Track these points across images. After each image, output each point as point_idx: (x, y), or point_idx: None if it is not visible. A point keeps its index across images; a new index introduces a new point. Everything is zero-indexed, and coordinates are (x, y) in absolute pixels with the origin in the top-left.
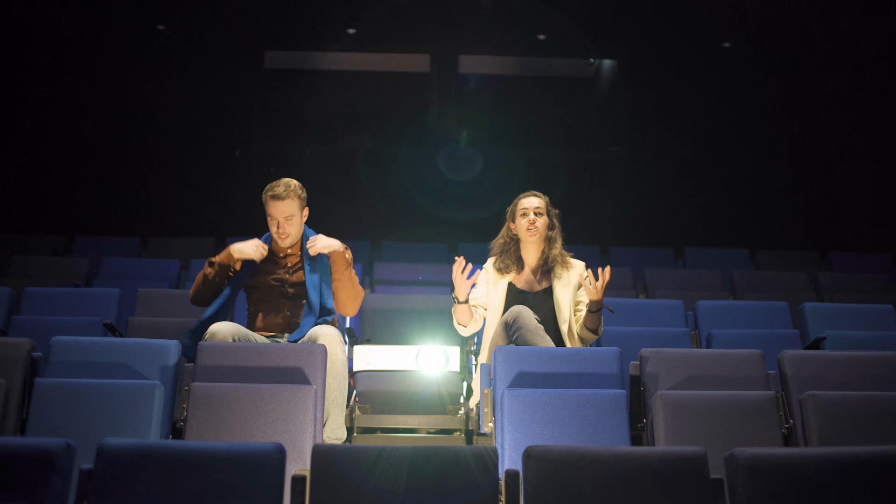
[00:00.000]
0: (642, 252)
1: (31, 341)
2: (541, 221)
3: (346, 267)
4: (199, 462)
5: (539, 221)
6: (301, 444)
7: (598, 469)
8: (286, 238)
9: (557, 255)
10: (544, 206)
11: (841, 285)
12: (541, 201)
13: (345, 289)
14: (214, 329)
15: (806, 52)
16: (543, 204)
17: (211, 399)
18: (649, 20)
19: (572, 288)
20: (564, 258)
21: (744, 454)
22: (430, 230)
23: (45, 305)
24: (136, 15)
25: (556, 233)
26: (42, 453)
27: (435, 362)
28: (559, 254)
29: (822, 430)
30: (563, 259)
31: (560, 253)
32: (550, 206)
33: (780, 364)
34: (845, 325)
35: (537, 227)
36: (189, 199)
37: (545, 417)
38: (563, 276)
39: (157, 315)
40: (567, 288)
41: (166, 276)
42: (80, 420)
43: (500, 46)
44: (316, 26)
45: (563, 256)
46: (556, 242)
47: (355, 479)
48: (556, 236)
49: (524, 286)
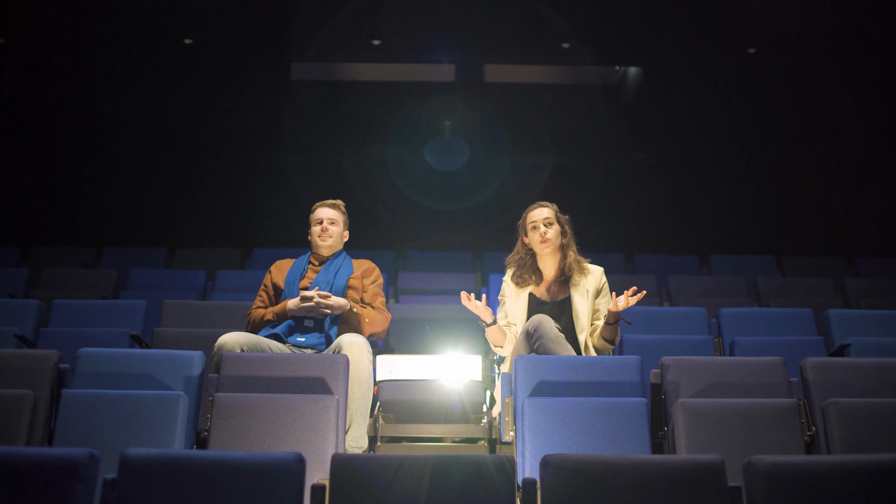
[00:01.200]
0: (667, 259)
1: (59, 353)
2: (552, 232)
3: (358, 322)
4: (220, 471)
5: (550, 232)
6: (323, 453)
7: (615, 477)
8: (328, 240)
9: (573, 262)
10: (553, 215)
11: (868, 291)
12: (549, 211)
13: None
14: (222, 341)
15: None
16: (552, 213)
17: (234, 409)
18: (674, 27)
19: (590, 296)
20: (581, 265)
21: (761, 462)
22: (455, 239)
23: (73, 317)
24: (163, 28)
25: (569, 240)
26: (66, 463)
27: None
28: (575, 261)
29: (844, 437)
30: (580, 266)
31: (576, 260)
32: (560, 213)
33: (802, 371)
34: (871, 332)
35: (549, 239)
36: (216, 211)
37: (566, 426)
38: (581, 284)
39: (182, 326)
40: (585, 296)
41: (193, 287)
42: (106, 430)
43: (525, 55)
44: (342, 38)
45: (580, 263)
46: (570, 250)
47: (375, 488)
48: (570, 243)
49: (544, 296)
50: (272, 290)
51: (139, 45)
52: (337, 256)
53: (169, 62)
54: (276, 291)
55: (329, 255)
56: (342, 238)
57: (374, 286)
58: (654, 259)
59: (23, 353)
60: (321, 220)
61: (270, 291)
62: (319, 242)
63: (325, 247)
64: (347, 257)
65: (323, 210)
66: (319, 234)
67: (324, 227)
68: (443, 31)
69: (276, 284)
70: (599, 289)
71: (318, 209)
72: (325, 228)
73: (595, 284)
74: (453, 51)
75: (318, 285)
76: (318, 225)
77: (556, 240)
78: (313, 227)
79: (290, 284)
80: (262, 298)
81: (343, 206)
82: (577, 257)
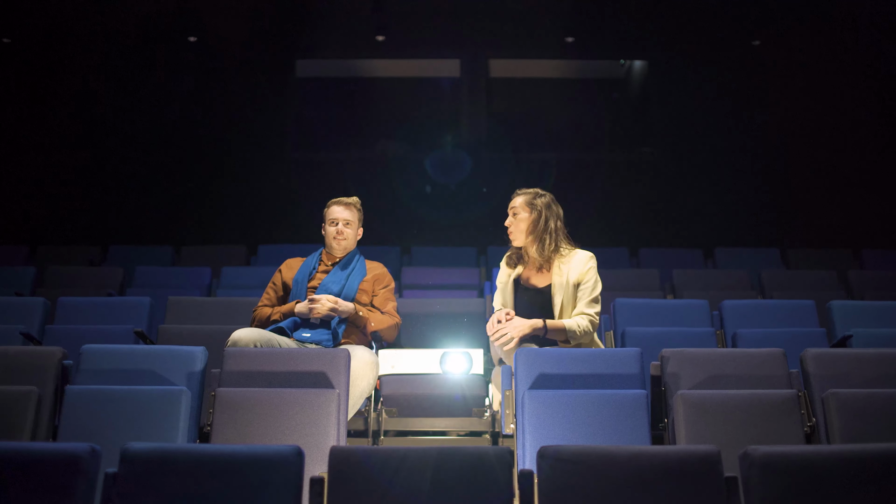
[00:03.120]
0: (672, 253)
1: (63, 350)
2: (519, 220)
3: (364, 324)
4: (219, 465)
5: (513, 222)
6: (324, 446)
7: (611, 468)
8: (342, 242)
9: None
10: (522, 203)
11: (872, 283)
12: (519, 199)
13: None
14: (237, 336)
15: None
16: (521, 201)
17: (236, 404)
18: (678, 20)
19: (570, 283)
20: (561, 252)
21: (757, 452)
22: (460, 234)
23: (78, 315)
24: (167, 25)
25: (550, 224)
26: (68, 458)
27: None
28: (553, 248)
29: (844, 428)
30: (560, 253)
31: (555, 247)
32: (540, 196)
33: (802, 362)
34: (873, 323)
35: (510, 230)
36: (221, 208)
37: (566, 418)
38: (564, 272)
39: (187, 322)
40: (564, 285)
41: (198, 285)
42: (109, 426)
43: (530, 50)
44: (346, 34)
45: (560, 250)
46: (546, 235)
47: (375, 480)
48: (550, 228)
49: (527, 283)
50: (281, 290)
51: (144, 42)
52: (350, 257)
53: (174, 60)
54: (286, 290)
55: (342, 256)
56: (356, 238)
57: (385, 291)
58: (658, 253)
59: (27, 350)
60: (336, 221)
61: (279, 290)
62: (334, 245)
63: (339, 249)
64: (361, 259)
65: (338, 210)
66: (335, 235)
67: (339, 230)
68: (448, 27)
69: (286, 283)
70: (581, 277)
71: (333, 207)
72: (341, 231)
73: (578, 271)
74: (458, 46)
75: (330, 286)
76: (333, 226)
77: (526, 227)
78: (328, 227)
79: (299, 283)
80: (269, 296)
81: (359, 205)
82: (559, 244)
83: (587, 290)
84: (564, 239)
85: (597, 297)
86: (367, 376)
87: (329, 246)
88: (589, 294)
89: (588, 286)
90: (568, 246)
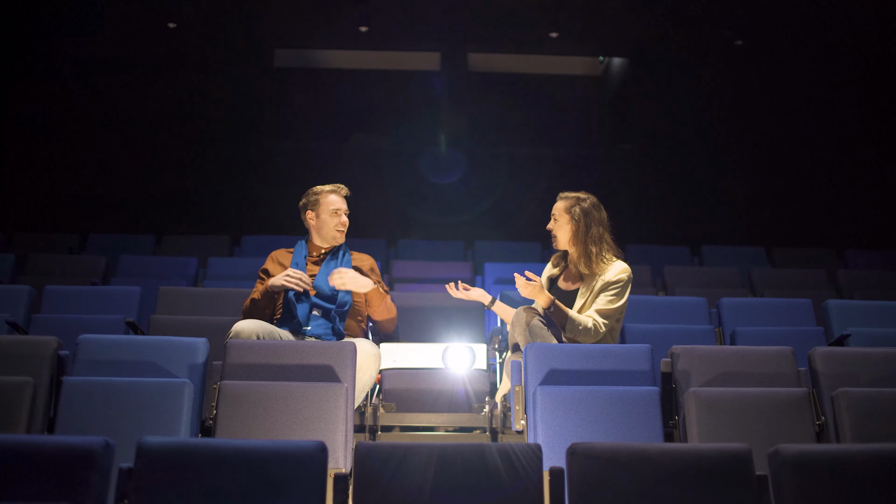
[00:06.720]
0: (659, 249)
1: (58, 339)
2: (560, 225)
3: (381, 301)
4: (241, 460)
5: (557, 227)
6: (333, 441)
7: (642, 466)
8: (344, 231)
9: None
10: (562, 208)
11: (860, 283)
12: (560, 204)
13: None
14: (239, 328)
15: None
16: (561, 207)
17: (241, 397)
18: (660, 17)
19: (594, 293)
20: (592, 261)
21: (789, 450)
22: (446, 228)
23: (65, 303)
24: (147, 12)
25: (592, 231)
26: (82, 452)
27: (462, 360)
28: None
29: (855, 426)
30: (590, 261)
31: (586, 255)
32: (581, 201)
33: (810, 361)
34: (868, 322)
35: (554, 235)
36: (203, 198)
37: (578, 415)
38: (594, 279)
39: (178, 313)
40: (589, 292)
41: (184, 275)
42: (109, 418)
43: (510, 44)
44: (326, 24)
45: (591, 259)
46: (579, 243)
47: (401, 476)
48: (595, 235)
49: (561, 284)
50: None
51: (123, 29)
52: (336, 248)
53: (153, 47)
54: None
55: (328, 247)
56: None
57: (381, 283)
58: (646, 249)
59: (21, 340)
60: (339, 211)
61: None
62: (337, 234)
63: (340, 238)
64: (347, 251)
65: (338, 199)
66: (338, 226)
67: (343, 221)
68: (428, 18)
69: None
70: (607, 286)
71: (331, 196)
72: (345, 221)
73: (605, 280)
74: (438, 39)
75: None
76: (335, 216)
77: (567, 233)
78: (328, 217)
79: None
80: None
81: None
82: (603, 252)
83: (603, 301)
84: (609, 248)
85: (611, 311)
86: (369, 369)
87: (329, 235)
88: (604, 304)
89: (607, 296)
90: (610, 256)
